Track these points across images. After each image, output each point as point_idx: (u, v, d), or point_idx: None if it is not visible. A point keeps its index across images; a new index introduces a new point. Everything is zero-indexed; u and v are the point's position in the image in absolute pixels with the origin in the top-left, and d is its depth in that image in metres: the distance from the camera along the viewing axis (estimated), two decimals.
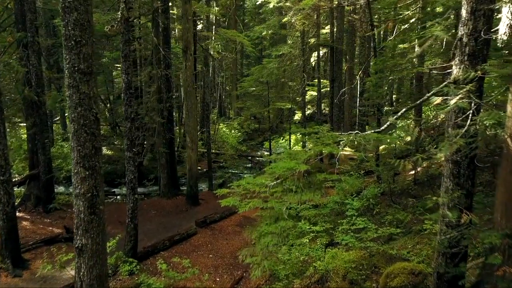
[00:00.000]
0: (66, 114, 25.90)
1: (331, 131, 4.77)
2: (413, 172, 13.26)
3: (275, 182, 4.29)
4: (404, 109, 4.48)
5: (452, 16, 8.19)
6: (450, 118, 4.34)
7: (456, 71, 4.58)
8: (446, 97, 4.13)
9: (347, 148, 26.75)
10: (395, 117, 4.45)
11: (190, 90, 13.12)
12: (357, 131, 4.30)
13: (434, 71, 6.74)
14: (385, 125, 4.32)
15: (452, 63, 4.66)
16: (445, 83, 4.59)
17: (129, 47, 7.99)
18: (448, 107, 3.68)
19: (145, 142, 17.90)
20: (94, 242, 6.19)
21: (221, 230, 11.50)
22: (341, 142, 3.95)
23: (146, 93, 14.48)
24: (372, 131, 4.35)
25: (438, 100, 4.06)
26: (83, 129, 5.96)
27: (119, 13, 7.76)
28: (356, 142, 4.08)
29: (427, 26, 7.11)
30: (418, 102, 4.50)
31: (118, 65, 22.62)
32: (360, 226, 7.36)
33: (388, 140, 3.77)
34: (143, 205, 13.45)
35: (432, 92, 4.51)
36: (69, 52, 5.75)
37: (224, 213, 12.42)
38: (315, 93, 22.62)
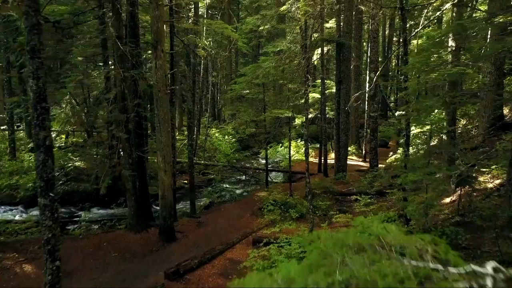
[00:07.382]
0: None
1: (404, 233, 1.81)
2: (450, 199, 10.33)
3: None
4: None
5: None
6: None
7: None
8: None
9: (354, 157, 23.46)
10: None
11: (162, 96, 10.24)
12: (497, 266, 1.38)
13: None
14: None
15: None
16: None
17: (39, 36, 5.13)
18: None
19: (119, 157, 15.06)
20: None
21: (198, 284, 8.61)
22: None
23: (104, 101, 11.57)
24: None
25: None
26: None
27: None
28: None
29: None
30: None
31: (100, 63, 19.83)
32: None
33: None
34: (102, 242, 10.54)
35: None
36: None
37: (204, 257, 9.54)
38: (318, 95, 19.77)
